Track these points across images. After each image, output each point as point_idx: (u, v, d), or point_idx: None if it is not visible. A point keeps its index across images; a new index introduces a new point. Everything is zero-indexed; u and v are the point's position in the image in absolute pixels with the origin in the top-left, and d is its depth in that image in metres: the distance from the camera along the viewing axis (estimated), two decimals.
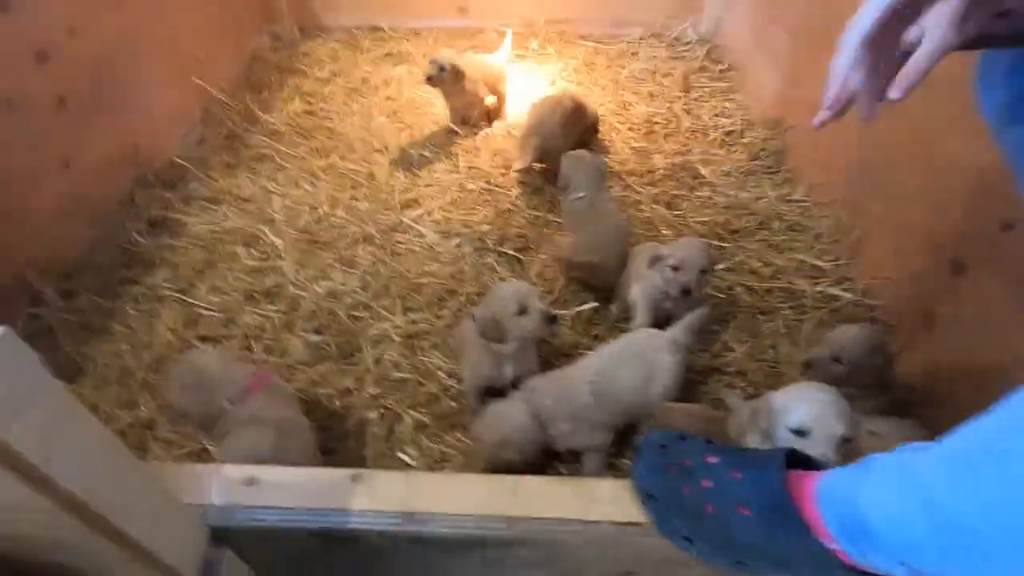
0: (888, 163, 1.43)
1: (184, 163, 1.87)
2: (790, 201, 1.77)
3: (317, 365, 1.33)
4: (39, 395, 0.43)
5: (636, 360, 1.13)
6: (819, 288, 1.50)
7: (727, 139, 2.03)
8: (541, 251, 1.61)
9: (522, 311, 1.10)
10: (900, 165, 1.39)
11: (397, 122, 2.12)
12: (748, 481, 0.67)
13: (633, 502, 0.73)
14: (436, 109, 2.10)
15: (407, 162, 1.92)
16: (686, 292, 1.21)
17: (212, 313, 1.44)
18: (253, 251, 1.60)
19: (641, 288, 1.36)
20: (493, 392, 1.21)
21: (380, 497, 0.72)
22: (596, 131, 1.97)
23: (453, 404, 1.26)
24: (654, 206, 1.74)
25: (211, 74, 2.14)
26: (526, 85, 2.26)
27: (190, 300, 1.47)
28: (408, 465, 1.15)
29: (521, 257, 1.59)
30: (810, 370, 1.14)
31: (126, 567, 0.57)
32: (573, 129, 1.82)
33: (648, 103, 2.20)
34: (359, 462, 1.16)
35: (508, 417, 1.09)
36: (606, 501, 0.73)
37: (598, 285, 1.48)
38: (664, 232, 1.66)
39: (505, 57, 2.14)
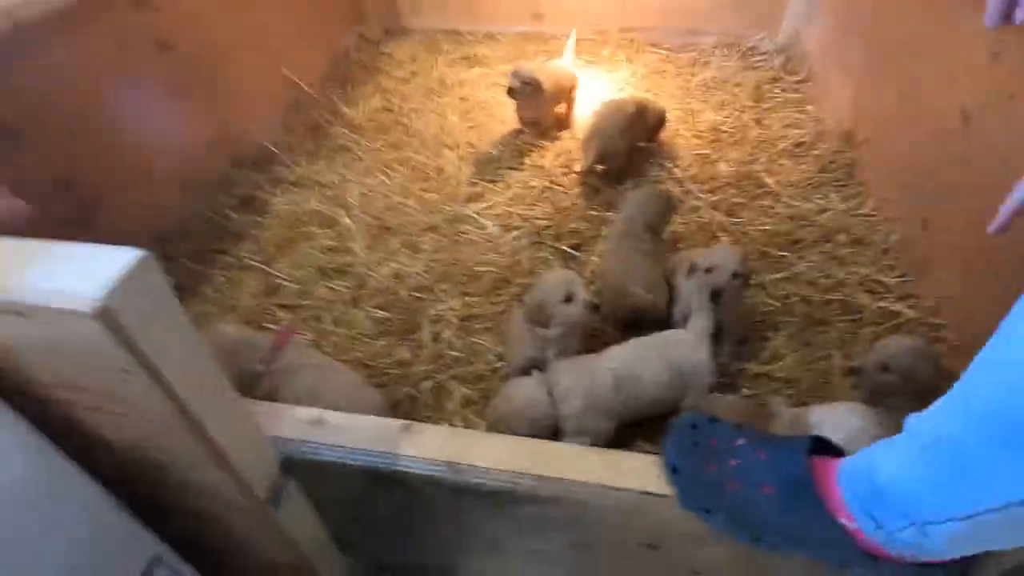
0: (963, 181, 1.39)
1: (273, 149, 2.05)
2: (857, 215, 1.73)
3: (379, 338, 1.44)
4: (167, 311, 0.53)
5: (660, 358, 1.15)
6: (881, 304, 1.47)
7: (796, 150, 2.00)
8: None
9: (568, 298, 1.15)
10: (976, 183, 1.34)
11: (468, 121, 2.22)
12: (772, 461, 0.70)
13: (658, 476, 0.77)
14: (506, 110, 2.18)
15: (475, 158, 2.02)
16: (716, 293, 1.22)
17: (289, 284, 1.58)
18: (329, 232, 1.74)
19: (680, 305, 1.38)
20: None
21: (426, 446, 0.79)
22: (660, 127, 1.99)
23: (499, 384, 1.33)
24: (713, 212, 1.75)
25: (302, 70, 2.32)
26: (595, 91, 2.31)
27: (271, 271, 1.62)
28: None
29: (576, 253, 1.65)
30: (859, 378, 1.13)
31: (210, 471, 0.67)
32: (633, 133, 1.85)
33: (717, 111, 2.20)
34: None
35: (523, 391, 1.14)
36: (632, 472, 0.78)
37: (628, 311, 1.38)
38: (721, 237, 1.67)
39: (569, 60, 2.20)
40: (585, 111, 2.11)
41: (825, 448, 0.71)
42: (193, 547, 0.78)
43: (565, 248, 1.66)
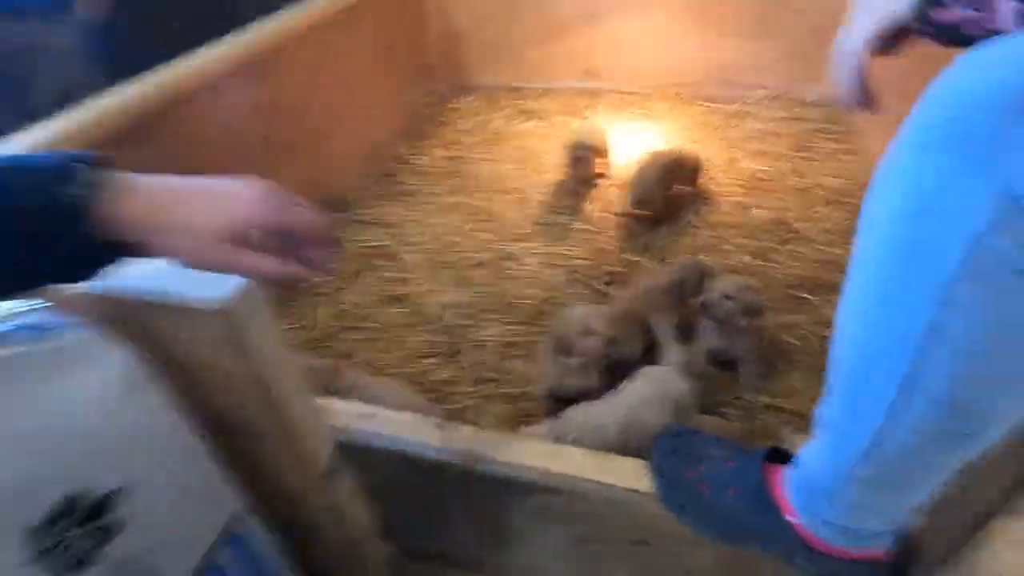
0: None
1: (348, 193, 2.35)
2: None
3: (428, 358, 1.63)
4: (265, 315, 0.74)
5: (661, 396, 1.16)
6: None
7: (833, 198, 2.08)
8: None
9: (587, 332, 1.30)
10: None
11: (520, 168, 2.45)
12: (736, 469, 0.81)
13: (649, 479, 0.90)
14: (553, 160, 2.40)
15: (523, 202, 2.23)
16: (705, 307, 1.34)
17: (354, 310, 1.82)
18: (391, 265, 1.98)
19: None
20: (562, 401, 1.40)
21: (454, 440, 0.97)
22: (698, 176, 2.13)
23: (529, 404, 1.49)
24: (742, 256, 1.86)
25: (376, 123, 2.65)
26: (639, 142, 2.48)
27: (340, 299, 1.87)
28: None
29: (609, 291, 1.80)
30: None
31: (283, 444, 0.87)
32: (670, 181, 2.01)
33: (757, 161, 2.32)
34: None
35: None
36: (627, 472, 0.91)
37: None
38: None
39: (596, 123, 2.40)
40: (626, 161, 2.29)
41: (786, 457, 0.82)
42: (261, 512, 0.98)
43: (599, 286, 1.81)
